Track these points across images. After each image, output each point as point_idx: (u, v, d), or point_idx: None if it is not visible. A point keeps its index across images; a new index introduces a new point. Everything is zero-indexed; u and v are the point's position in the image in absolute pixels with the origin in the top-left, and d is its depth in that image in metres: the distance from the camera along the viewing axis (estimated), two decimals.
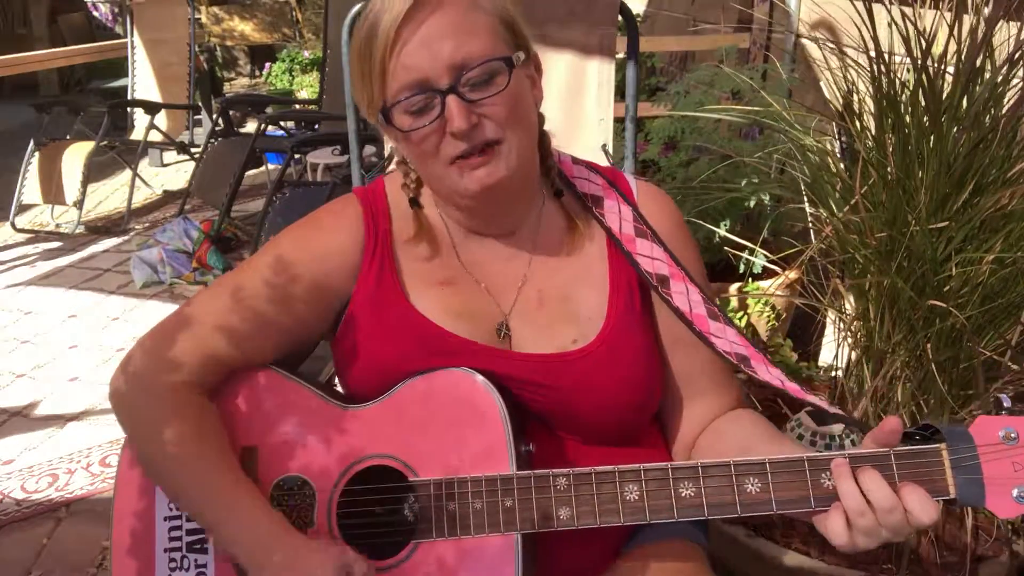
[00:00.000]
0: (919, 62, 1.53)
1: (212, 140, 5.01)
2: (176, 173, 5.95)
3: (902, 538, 0.93)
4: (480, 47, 0.98)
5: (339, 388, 1.22)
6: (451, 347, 1.08)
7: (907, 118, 1.58)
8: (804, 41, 3.19)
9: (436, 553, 1.03)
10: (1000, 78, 1.53)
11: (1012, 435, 0.91)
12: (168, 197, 5.45)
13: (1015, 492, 0.91)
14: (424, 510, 1.03)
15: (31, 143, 4.83)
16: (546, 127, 1.15)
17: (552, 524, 0.99)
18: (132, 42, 5.66)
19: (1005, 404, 0.93)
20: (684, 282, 1.12)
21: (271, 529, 1.02)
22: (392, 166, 1.93)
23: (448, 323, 1.09)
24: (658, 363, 1.14)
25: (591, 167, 1.21)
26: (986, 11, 1.52)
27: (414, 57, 0.97)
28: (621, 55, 1.98)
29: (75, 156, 4.76)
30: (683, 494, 0.97)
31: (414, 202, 1.15)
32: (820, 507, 0.94)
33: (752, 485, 0.96)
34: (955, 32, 1.54)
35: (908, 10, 1.57)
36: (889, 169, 1.58)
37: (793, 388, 1.08)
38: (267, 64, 8.51)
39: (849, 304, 1.84)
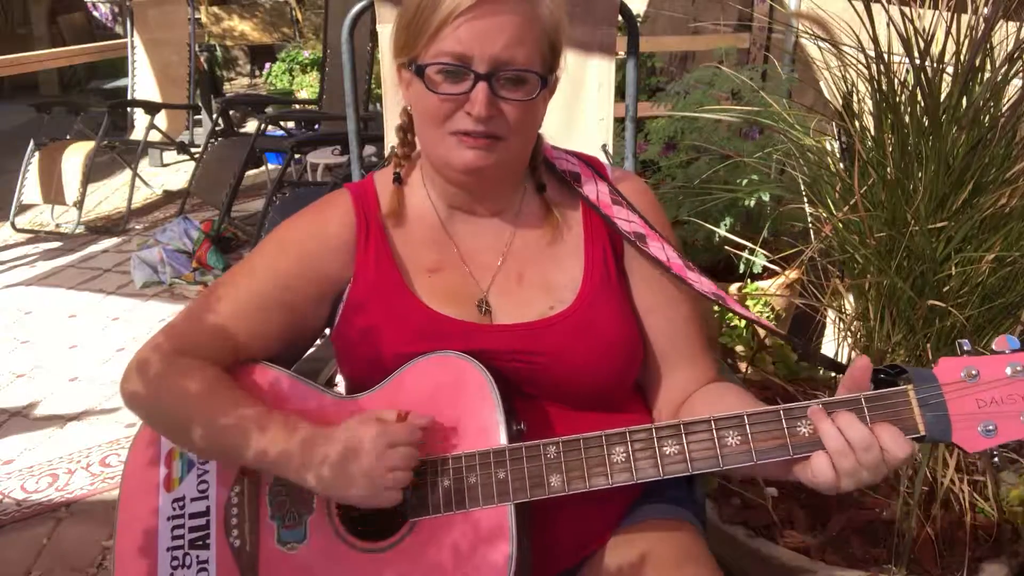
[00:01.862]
0: (918, 62, 1.53)
1: (212, 140, 5.01)
2: (176, 173, 5.95)
3: (879, 478, 0.98)
4: (525, 56, 1.05)
5: (339, 388, 1.24)
6: (442, 329, 1.12)
7: (906, 118, 1.58)
8: (804, 41, 3.19)
9: (433, 530, 1.06)
10: (999, 77, 1.52)
11: (973, 372, 0.96)
12: (168, 197, 5.45)
13: (980, 427, 0.96)
14: (420, 489, 1.06)
15: (31, 143, 4.83)
16: (546, 126, 1.20)
17: (544, 491, 1.03)
18: (132, 42, 5.66)
19: (965, 347, 0.98)
20: (660, 241, 1.18)
21: (302, 445, 1.05)
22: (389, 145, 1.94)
23: (439, 306, 1.14)
24: (635, 326, 1.19)
25: (568, 152, 1.27)
26: (985, 10, 1.52)
27: (469, 36, 1.03)
28: (621, 55, 1.98)
29: (75, 156, 4.76)
30: (667, 452, 1.01)
31: (397, 177, 1.21)
32: (798, 454, 0.99)
33: (732, 438, 1.00)
34: (953, 31, 1.54)
35: (907, 9, 1.57)
36: (888, 169, 1.58)
37: (766, 323, 1.27)
38: (267, 64, 8.50)
39: (849, 304, 1.84)
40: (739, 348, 2.47)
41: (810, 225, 1.89)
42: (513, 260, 1.19)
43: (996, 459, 0.99)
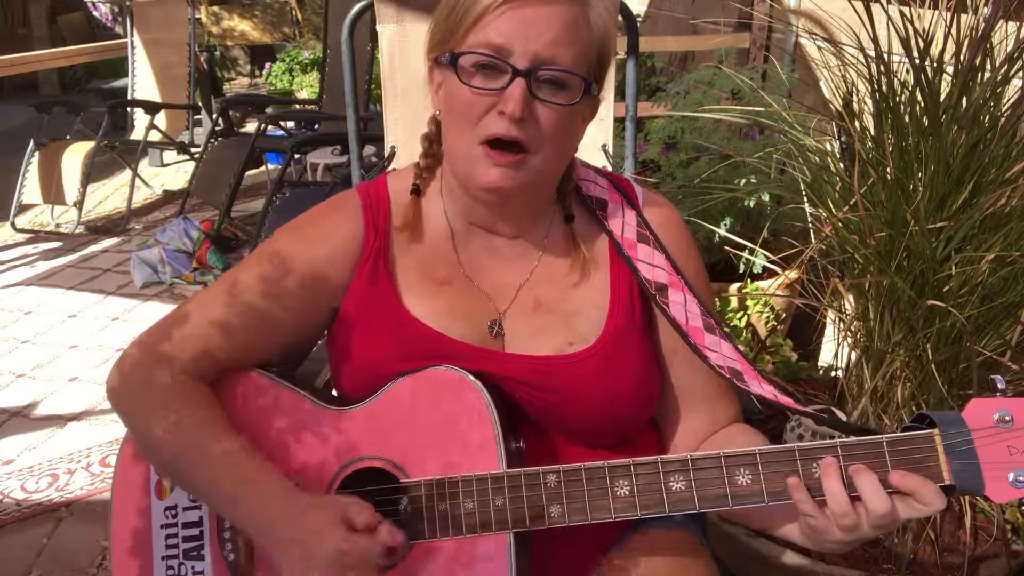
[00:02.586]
0: (918, 62, 1.53)
1: (212, 140, 5.01)
2: (176, 173, 5.94)
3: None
4: (570, 58, 0.98)
5: (335, 391, 1.22)
6: (442, 349, 1.07)
7: (906, 118, 1.58)
8: (804, 41, 3.19)
9: (428, 554, 1.03)
10: (999, 77, 1.52)
11: (1007, 418, 0.89)
12: (168, 197, 5.44)
13: (1011, 476, 0.89)
14: (415, 511, 1.02)
15: (31, 143, 4.82)
16: None
17: (543, 522, 0.99)
18: (132, 42, 5.66)
19: (999, 386, 0.91)
20: (683, 291, 1.11)
21: (271, 496, 1.01)
22: (393, 165, 1.93)
23: (441, 324, 1.09)
24: (655, 373, 1.14)
25: (598, 171, 1.21)
26: (985, 10, 1.52)
27: (512, 28, 0.96)
28: (621, 55, 1.98)
29: (75, 156, 4.76)
30: (674, 488, 0.97)
31: (415, 189, 1.14)
32: (814, 497, 0.94)
33: (743, 477, 0.95)
34: (953, 31, 1.54)
35: (906, 10, 1.57)
36: (888, 169, 1.58)
37: (787, 401, 1.08)
38: (267, 64, 8.50)
39: (849, 304, 1.84)
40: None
41: (810, 225, 1.90)
42: (533, 287, 1.12)
43: None
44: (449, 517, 1.01)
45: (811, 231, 1.92)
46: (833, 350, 1.88)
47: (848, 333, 1.81)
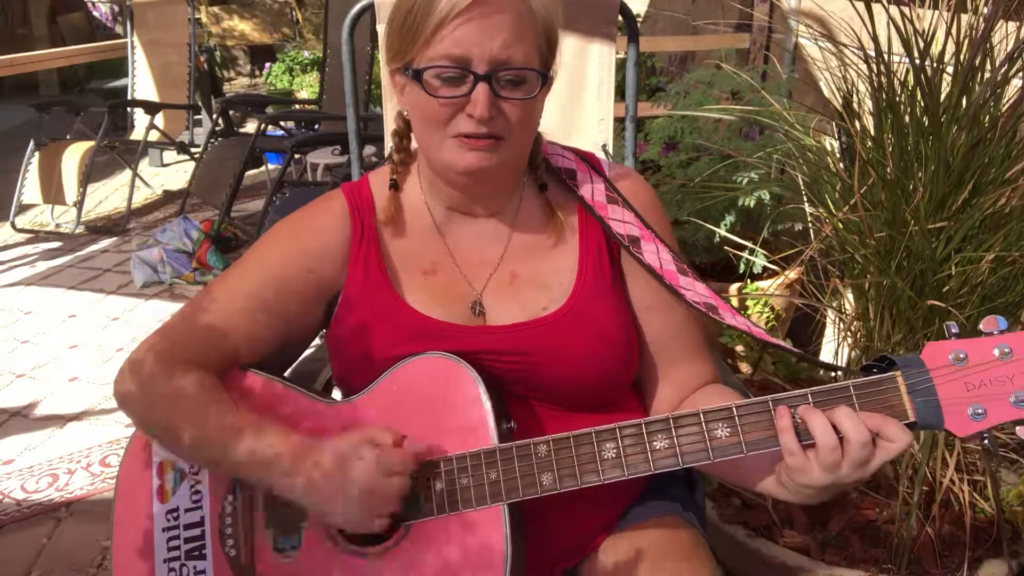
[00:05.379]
0: (918, 62, 1.53)
1: (212, 140, 5.01)
2: (176, 173, 5.95)
3: (863, 477, 0.96)
4: (523, 54, 1.04)
5: (335, 392, 1.23)
6: (433, 332, 1.12)
7: (906, 118, 1.58)
8: (804, 41, 3.19)
9: (427, 532, 1.06)
10: (999, 77, 1.52)
11: (961, 356, 0.95)
12: (168, 197, 5.45)
13: (970, 410, 0.94)
14: (413, 492, 1.05)
15: (31, 143, 4.83)
16: (546, 126, 1.19)
17: (536, 491, 1.03)
18: (132, 42, 5.66)
19: (953, 330, 0.96)
20: (655, 242, 1.17)
21: (295, 450, 1.05)
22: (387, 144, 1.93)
23: (431, 309, 1.14)
24: (631, 326, 1.17)
25: (564, 147, 1.26)
26: (984, 10, 1.52)
27: (467, 37, 1.02)
28: (621, 55, 1.98)
29: (75, 156, 4.76)
30: (657, 447, 1.01)
31: (393, 184, 1.20)
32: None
33: (722, 431, 0.99)
34: (953, 31, 1.54)
35: (907, 9, 1.57)
36: (888, 169, 1.58)
37: (758, 332, 1.14)
38: (267, 64, 8.51)
39: (849, 304, 1.84)
40: (739, 348, 2.47)
41: (810, 225, 1.90)
42: (510, 260, 1.18)
43: (987, 441, 0.97)
44: (445, 494, 1.05)
45: (811, 231, 1.92)
46: (833, 350, 1.88)
47: (848, 333, 1.81)
